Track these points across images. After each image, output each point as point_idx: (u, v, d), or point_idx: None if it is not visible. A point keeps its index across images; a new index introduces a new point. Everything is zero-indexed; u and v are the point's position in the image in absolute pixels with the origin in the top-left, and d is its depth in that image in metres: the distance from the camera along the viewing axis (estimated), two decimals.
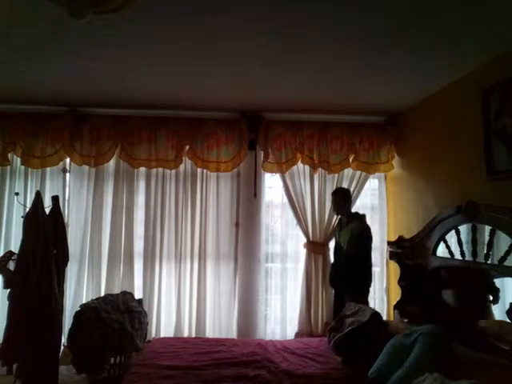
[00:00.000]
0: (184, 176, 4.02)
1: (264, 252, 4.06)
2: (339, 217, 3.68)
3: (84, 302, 3.49)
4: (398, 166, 4.04)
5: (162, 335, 3.76)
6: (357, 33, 2.32)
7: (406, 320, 3.22)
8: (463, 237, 2.75)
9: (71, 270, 3.75)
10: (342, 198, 3.56)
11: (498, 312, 2.64)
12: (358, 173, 4.05)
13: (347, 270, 3.34)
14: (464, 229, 2.76)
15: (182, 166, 3.98)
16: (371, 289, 4.10)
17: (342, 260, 3.46)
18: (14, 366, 2.90)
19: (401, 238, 3.48)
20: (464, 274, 2.74)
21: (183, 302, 3.88)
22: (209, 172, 4.00)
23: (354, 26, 2.24)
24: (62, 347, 3.35)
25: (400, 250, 3.43)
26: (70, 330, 2.94)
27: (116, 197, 3.92)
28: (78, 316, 2.95)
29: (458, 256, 2.75)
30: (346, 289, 3.38)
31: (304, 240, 4.00)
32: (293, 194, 3.99)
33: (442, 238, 2.92)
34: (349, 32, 2.31)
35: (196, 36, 2.38)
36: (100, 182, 3.92)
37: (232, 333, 3.88)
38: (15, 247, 3.40)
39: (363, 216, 3.52)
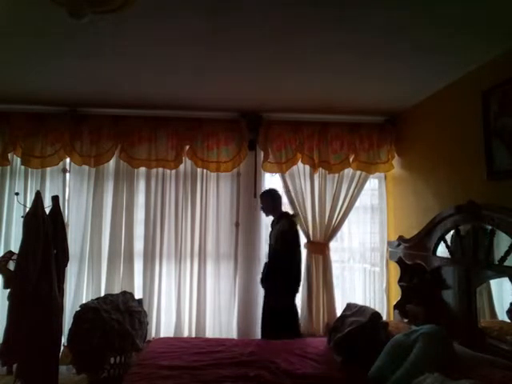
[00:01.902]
0: (184, 176, 4.02)
1: (264, 252, 4.05)
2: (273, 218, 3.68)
3: (84, 301, 3.49)
4: (398, 165, 4.04)
5: (162, 335, 3.75)
6: (357, 33, 2.32)
7: (406, 320, 3.22)
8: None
9: (71, 270, 3.75)
10: (269, 200, 3.58)
11: (498, 312, 2.64)
12: (358, 173, 4.04)
13: (274, 269, 3.36)
14: (464, 229, 2.76)
15: (182, 166, 3.98)
16: (371, 289, 4.17)
17: (272, 260, 3.47)
18: (14, 366, 2.90)
19: (401, 238, 3.49)
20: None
21: (183, 302, 3.88)
22: (209, 172, 4.00)
23: (354, 26, 2.23)
24: (62, 347, 3.34)
25: (400, 250, 3.44)
26: (70, 330, 2.95)
27: (116, 197, 3.92)
28: (78, 316, 2.96)
29: (458, 256, 2.75)
30: (272, 288, 3.37)
31: (304, 240, 3.99)
32: (293, 194, 3.99)
33: (442, 238, 2.92)
34: (349, 32, 2.31)
35: (196, 36, 2.38)
36: (100, 182, 3.92)
37: (232, 333, 3.88)
38: (15, 247, 3.39)
39: (293, 215, 3.54)
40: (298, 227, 3.67)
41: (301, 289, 3.94)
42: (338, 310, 3.72)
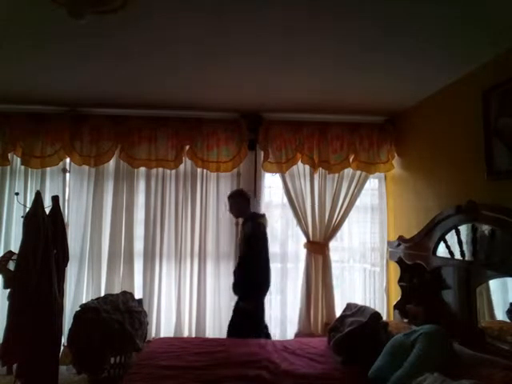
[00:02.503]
0: (184, 176, 4.02)
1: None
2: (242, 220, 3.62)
3: (84, 302, 3.49)
4: (398, 165, 4.04)
5: (162, 335, 3.76)
6: (357, 33, 2.32)
7: (406, 320, 3.22)
8: (463, 237, 2.75)
9: (71, 270, 3.75)
10: (235, 201, 3.54)
11: (498, 312, 2.64)
12: (358, 173, 4.04)
13: (241, 271, 3.34)
14: (464, 229, 2.76)
15: (182, 166, 3.98)
16: (371, 289, 4.17)
17: (239, 263, 3.44)
18: (14, 366, 2.90)
19: (401, 238, 3.49)
20: None
21: (183, 302, 3.87)
22: (209, 172, 4.00)
23: (354, 26, 2.24)
24: (61, 347, 3.35)
25: (400, 250, 3.44)
26: (70, 330, 2.95)
27: (116, 197, 3.92)
28: (78, 316, 2.96)
29: (458, 256, 2.75)
30: (241, 290, 3.35)
31: (304, 240, 4.00)
32: (293, 194, 3.99)
33: (442, 238, 2.92)
34: (349, 32, 2.31)
35: (196, 36, 2.38)
36: (100, 182, 3.92)
37: None
38: (15, 247, 3.40)
39: (260, 216, 3.52)
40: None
41: (300, 289, 3.97)
42: (338, 310, 3.72)
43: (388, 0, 1.98)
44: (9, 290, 2.94)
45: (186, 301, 3.89)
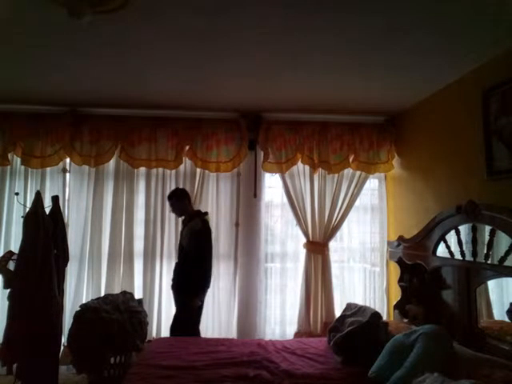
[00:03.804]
0: (184, 176, 4.02)
1: (264, 252, 4.06)
2: (183, 218, 3.62)
3: (84, 302, 3.49)
4: (398, 165, 4.04)
5: (162, 335, 3.75)
6: (357, 33, 2.32)
7: (406, 320, 3.22)
8: (463, 237, 2.75)
9: (71, 270, 3.75)
10: (177, 200, 3.52)
11: (498, 312, 2.64)
12: (358, 173, 4.04)
13: (186, 269, 3.34)
14: (464, 229, 2.76)
15: (181, 166, 3.98)
16: (371, 289, 4.17)
17: (182, 260, 3.44)
18: (14, 366, 2.90)
19: (401, 238, 3.49)
20: None
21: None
22: (209, 172, 4.00)
23: (354, 26, 2.24)
24: (62, 347, 3.35)
25: (400, 250, 3.44)
26: (70, 330, 2.95)
27: (116, 197, 3.92)
28: (78, 316, 2.96)
29: (457, 256, 2.75)
30: (183, 288, 3.34)
31: (304, 240, 4.00)
32: (293, 194, 3.99)
33: (442, 238, 2.92)
34: (349, 32, 2.31)
35: (196, 36, 2.38)
36: (100, 182, 3.92)
37: (232, 333, 3.88)
38: (15, 247, 3.40)
39: (204, 214, 3.52)
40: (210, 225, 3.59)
41: (299, 288, 3.97)
42: (337, 310, 3.72)
43: (388, 1, 1.98)
44: (9, 290, 2.94)
45: None
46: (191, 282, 3.29)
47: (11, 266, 3.06)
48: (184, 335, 3.20)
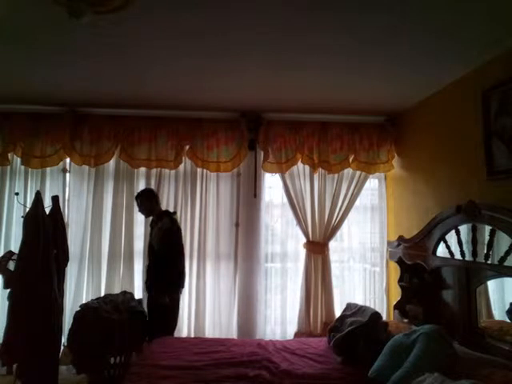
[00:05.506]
0: (184, 176, 4.02)
1: (264, 252, 4.06)
2: (151, 218, 3.61)
3: (84, 301, 3.49)
4: (398, 166, 4.04)
5: None
6: (357, 33, 2.32)
7: (406, 320, 3.22)
8: (463, 237, 2.75)
9: (71, 270, 3.75)
10: (145, 199, 3.52)
11: (498, 312, 2.64)
12: (358, 173, 4.04)
13: (157, 269, 3.33)
14: (464, 229, 2.76)
15: (181, 166, 3.98)
16: (371, 289, 4.17)
17: (152, 259, 3.43)
18: (14, 366, 2.90)
19: (401, 238, 3.49)
20: None
21: (183, 302, 3.86)
22: (209, 172, 4.00)
23: (354, 25, 2.24)
24: (62, 347, 3.35)
25: (400, 250, 3.44)
26: (70, 330, 2.95)
27: (116, 197, 3.92)
28: (78, 316, 2.96)
29: (458, 256, 2.75)
30: (155, 288, 3.33)
31: (304, 240, 4.00)
32: (293, 194, 3.99)
33: (442, 238, 2.92)
34: (349, 32, 2.31)
35: (196, 36, 2.38)
36: (100, 182, 3.92)
37: (232, 333, 3.88)
38: (15, 247, 3.40)
39: (172, 213, 3.53)
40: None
41: (299, 288, 3.97)
42: (338, 310, 3.72)
43: (388, 1, 1.98)
44: (9, 290, 2.94)
45: (185, 301, 3.88)
46: (163, 281, 3.29)
47: (11, 265, 3.06)
48: (157, 337, 3.14)
